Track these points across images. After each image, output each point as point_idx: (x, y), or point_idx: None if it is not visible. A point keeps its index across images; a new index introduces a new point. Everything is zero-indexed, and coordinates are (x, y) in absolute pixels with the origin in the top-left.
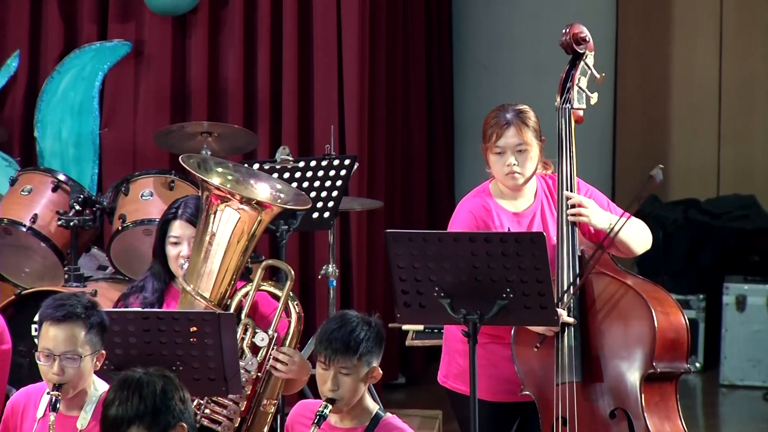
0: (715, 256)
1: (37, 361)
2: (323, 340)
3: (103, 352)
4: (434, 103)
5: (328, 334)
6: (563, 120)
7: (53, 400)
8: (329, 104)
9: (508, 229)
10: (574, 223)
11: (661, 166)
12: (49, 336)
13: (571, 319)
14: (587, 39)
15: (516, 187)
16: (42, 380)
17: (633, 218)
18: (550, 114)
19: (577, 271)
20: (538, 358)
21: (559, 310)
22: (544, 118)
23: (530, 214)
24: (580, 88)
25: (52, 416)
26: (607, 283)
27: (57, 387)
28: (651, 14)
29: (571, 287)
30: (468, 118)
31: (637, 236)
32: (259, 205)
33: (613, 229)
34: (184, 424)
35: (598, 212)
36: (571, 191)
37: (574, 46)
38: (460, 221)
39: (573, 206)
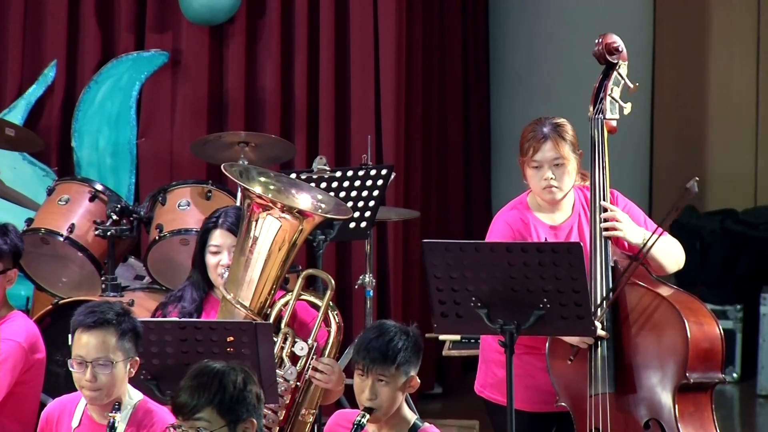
0: (753, 267)
1: (70, 369)
2: (361, 350)
3: (137, 358)
4: (470, 113)
5: (366, 344)
6: (596, 130)
7: (111, 422)
8: (366, 114)
9: (545, 239)
10: (606, 241)
11: (696, 178)
12: (81, 343)
13: (604, 333)
14: (620, 49)
15: (553, 202)
16: (76, 390)
17: (667, 236)
18: (587, 124)
19: (611, 282)
20: (573, 369)
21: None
22: (580, 128)
23: (567, 227)
24: (612, 98)
25: None
26: (640, 293)
27: (116, 409)
28: (688, 24)
29: (605, 301)
30: (504, 127)
31: (670, 254)
32: (301, 214)
33: (646, 244)
34: (255, 421)
35: (632, 227)
36: (604, 201)
37: (607, 56)
38: (497, 233)
39: (606, 220)
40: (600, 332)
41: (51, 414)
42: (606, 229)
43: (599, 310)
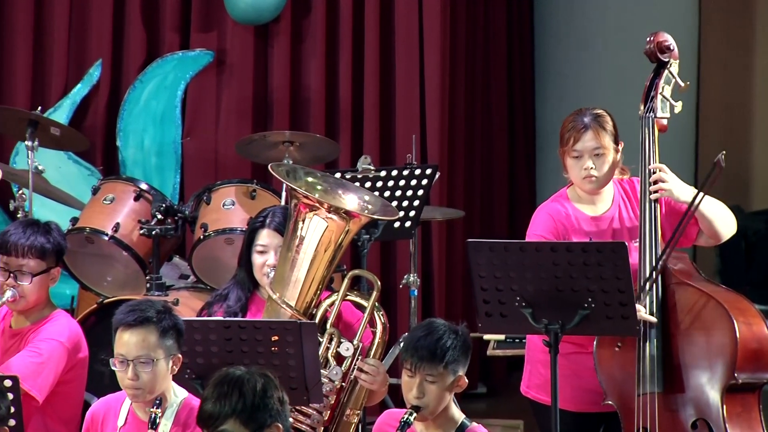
0: None
1: (113, 368)
2: (410, 348)
3: (180, 356)
4: (515, 112)
5: (415, 342)
6: (646, 129)
7: (152, 417)
8: (411, 114)
9: (590, 239)
10: (657, 229)
11: (723, 152)
12: (123, 341)
13: (653, 318)
14: (671, 47)
15: (593, 191)
16: (121, 389)
17: (715, 200)
18: (633, 123)
19: (660, 280)
20: (621, 368)
21: (639, 306)
22: (626, 127)
23: (608, 218)
24: (663, 96)
25: None
26: (689, 293)
27: (157, 405)
28: (734, 23)
29: (651, 277)
30: (549, 126)
31: (721, 215)
32: (348, 215)
33: (695, 200)
34: (280, 425)
35: (680, 184)
36: (654, 201)
37: (658, 54)
38: (539, 223)
39: (655, 182)
40: (647, 317)
41: (96, 413)
42: (654, 189)
43: (642, 292)
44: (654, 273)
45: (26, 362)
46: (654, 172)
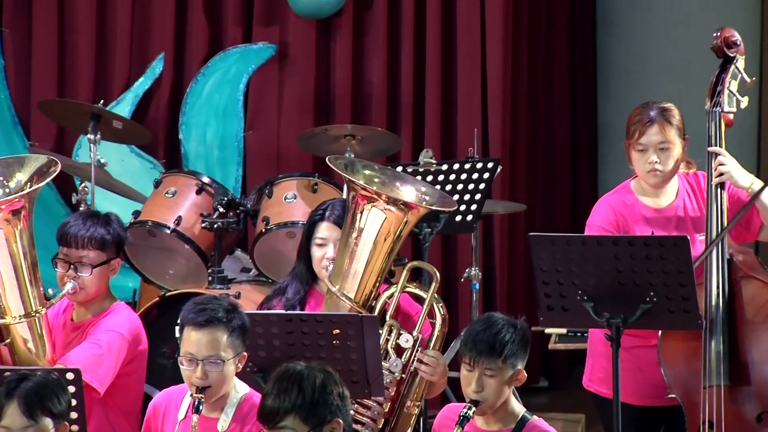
0: None
1: (180, 366)
2: (468, 342)
3: (245, 354)
4: (577, 106)
5: (474, 336)
6: (713, 123)
7: (196, 403)
8: (472, 107)
9: (652, 233)
10: (723, 223)
11: None
12: (192, 340)
13: None
14: (738, 43)
15: (657, 185)
16: (183, 382)
17: None
18: (696, 118)
19: (726, 273)
20: (686, 362)
21: None
22: (689, 121)
23: (671, 212)
24: (730, 91)
25: (194, 418)
26: (756, 287)
27: (200, 390)
28: None
29: (711, 245)
30: (612, 119)
31: None
32: (406, 206)
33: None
34: (341, 420)
35: (740, 170)
36: (721, 196)
37: (725, 49)
38: (598, 214)
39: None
40: None
41: (158, 405)
42: (716, 176)
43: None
44: (713, 247)
45: (86, 354)
46: (715, 156)
